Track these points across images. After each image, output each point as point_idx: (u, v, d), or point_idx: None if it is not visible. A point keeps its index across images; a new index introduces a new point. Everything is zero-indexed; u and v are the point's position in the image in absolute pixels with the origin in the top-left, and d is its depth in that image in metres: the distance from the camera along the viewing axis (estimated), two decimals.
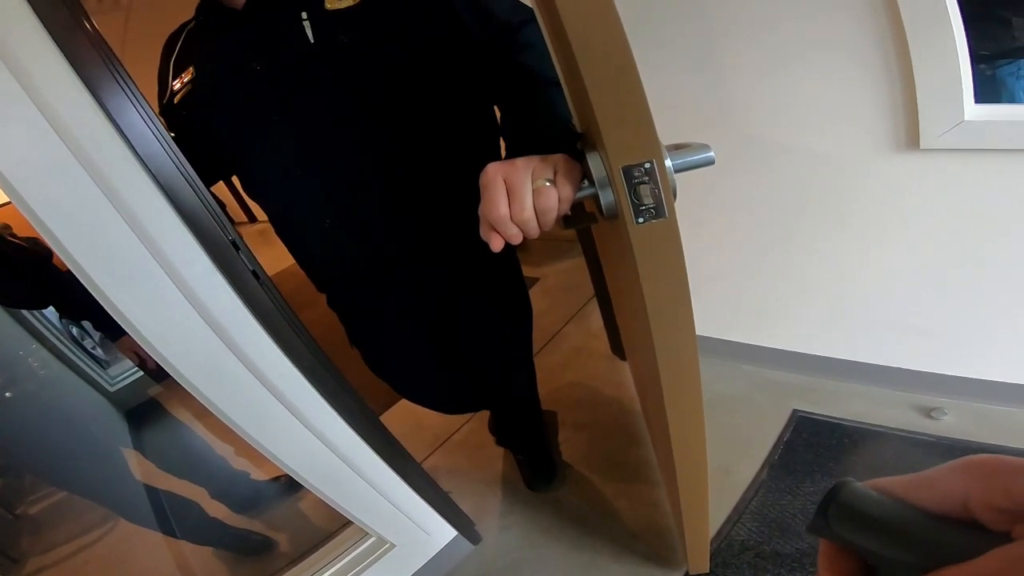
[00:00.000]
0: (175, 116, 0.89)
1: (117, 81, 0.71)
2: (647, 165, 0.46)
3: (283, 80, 0.81)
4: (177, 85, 0.88)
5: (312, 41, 0.78)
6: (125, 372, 2.94)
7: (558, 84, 0.69)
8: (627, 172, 0.47)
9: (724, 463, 1.41)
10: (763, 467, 1.38)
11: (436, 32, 0.79)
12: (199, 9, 0.89)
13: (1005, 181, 1.11)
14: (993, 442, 1.28)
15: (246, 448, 0.98)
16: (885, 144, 1.18)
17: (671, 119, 1.36)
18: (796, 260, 1.48)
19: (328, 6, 0.78)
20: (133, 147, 0.73)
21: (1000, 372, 1.33)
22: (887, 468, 1.28)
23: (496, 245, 0.55)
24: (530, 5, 0.75)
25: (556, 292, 2.59)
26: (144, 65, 0.96)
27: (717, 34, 1.25)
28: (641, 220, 0.48)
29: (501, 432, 1.63)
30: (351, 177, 0.87)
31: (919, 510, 0.21)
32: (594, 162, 0.51)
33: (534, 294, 2.60)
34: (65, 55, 0.67)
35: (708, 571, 1.17)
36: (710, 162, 0.51)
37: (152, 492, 1.62)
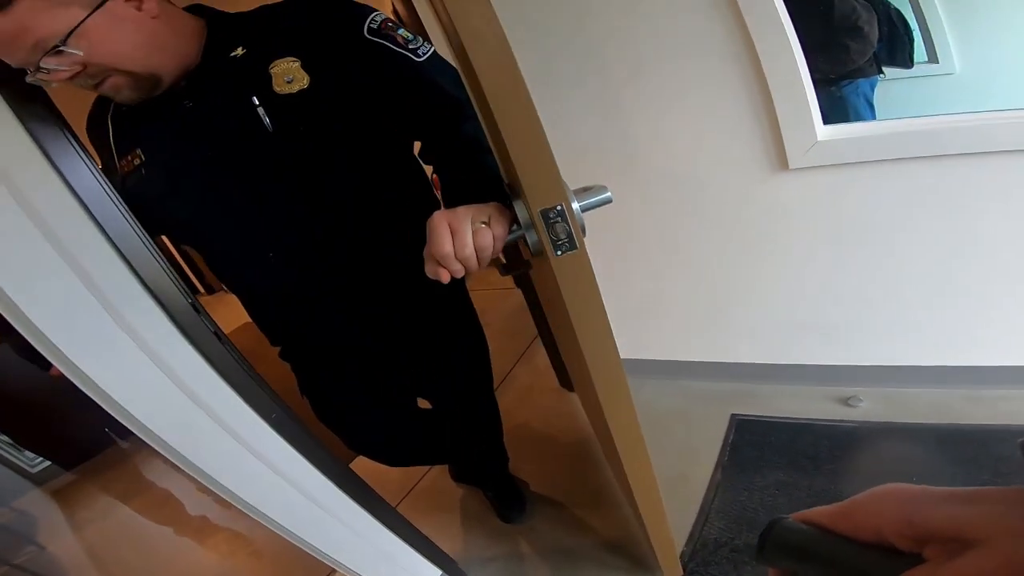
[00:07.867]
0: (125, 194, 0.86)
1: (67, 139, 0.70)
2: (558, 207, 0.59)
3: (244, 167, 0.83)
4: (126, 167, 0.86)
5: (271, 131, 0.79)
6: None
7: (491, 150, 0.79)
8: (544, 214, 0.59)
9: (680, 471, 1.50)
10: (716, 469, 1.48)
11: (384, 108, 0.85)
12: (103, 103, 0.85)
13: (859, 188, 1.30)
14: (906, 421, 1.43)
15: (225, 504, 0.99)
16: (763, 168, 1.35)
17: (591, 164, 1.51)
18: (709, 279, 1.62)
19: (277, 90, 0.78)
20: (90, 211, 0.72)
21: (901, 357, 1.50)
22: (823, 456, 1.40)
23: (444, 279, 0.66)
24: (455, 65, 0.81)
25: (501, 337, 2.63)
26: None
27: (618, 83, 1.39)
28: (560, 252, 0.60)
29: (467, 473, 1.66)
30: (319, 248, 0.92)
31: (843, 538, 0.23)
32: (519, 208, 0.64)
33: None
34: (16, 115, 0.66)
35: (685, 574, 1.23)
36: (608, 201, 0.64)
37: None
